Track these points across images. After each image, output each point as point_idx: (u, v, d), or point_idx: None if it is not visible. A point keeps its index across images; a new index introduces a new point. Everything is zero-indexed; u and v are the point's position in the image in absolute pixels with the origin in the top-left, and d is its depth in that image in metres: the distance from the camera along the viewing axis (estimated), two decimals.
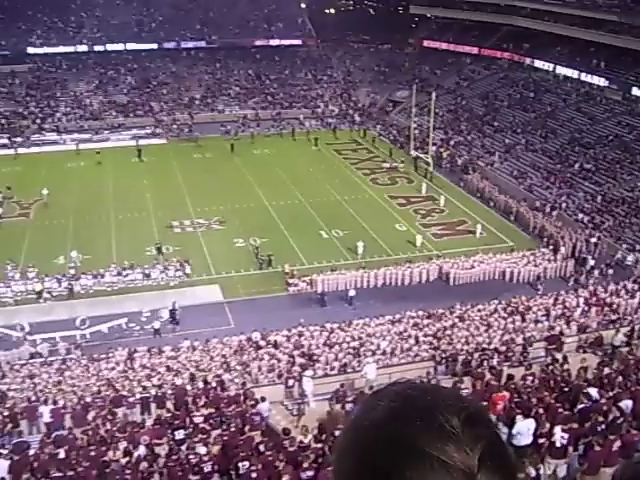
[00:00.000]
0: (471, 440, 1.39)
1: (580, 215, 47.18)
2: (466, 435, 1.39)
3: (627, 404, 17.15)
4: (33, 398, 25.07)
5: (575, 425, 15.80)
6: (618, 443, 14.37)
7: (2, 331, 34.34)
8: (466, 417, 1.43)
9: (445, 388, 1.56)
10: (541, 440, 15.25)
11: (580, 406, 17.07)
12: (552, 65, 70.61)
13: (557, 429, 14.81)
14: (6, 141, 66.65)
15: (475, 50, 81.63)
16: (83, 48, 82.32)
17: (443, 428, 1.39)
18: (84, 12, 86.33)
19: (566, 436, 14.79)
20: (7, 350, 32.31)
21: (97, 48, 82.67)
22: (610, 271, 39.47)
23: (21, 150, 64.99)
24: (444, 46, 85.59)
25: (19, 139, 67.22)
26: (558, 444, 14.86)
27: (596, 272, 39.58)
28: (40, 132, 69.67)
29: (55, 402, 23.59)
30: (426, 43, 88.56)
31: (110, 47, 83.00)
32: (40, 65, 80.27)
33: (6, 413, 22.89)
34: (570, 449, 15.01)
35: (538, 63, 72.62)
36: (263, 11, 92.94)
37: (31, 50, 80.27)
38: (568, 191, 50.95)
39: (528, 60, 74.26)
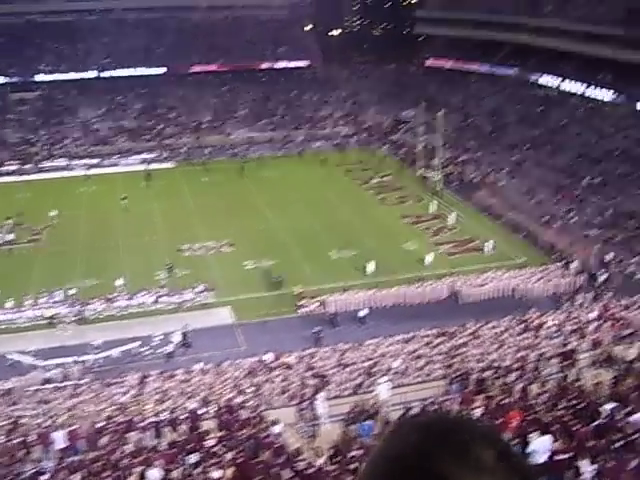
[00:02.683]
0: (506, 474, 1.38)
1: (590, 230, 46.99)
2: (501, 469, 1.38)
3: (637, 418, 16.99)
4: (46, 424, 25.05)
5: (591, 442, 15.65)
6: (635, 462, 14.19)
7: (14, 357, 34.33)
8: (500, 451, 1.41)
9: (477, 421, 1.53)
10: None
11: (595, 423, 16.92)
12: (558, 80, 70.74)
13: (585, 462, 14.40)
14: (16, 167, 67.07)
15: (481, 68, 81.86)
16: (91, 74, 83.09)
17: (478, 462, 1.37)
18: (92, 38, 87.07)
19: (595, 467, 14.41)
20: (20, 376, 32.33)
21: (105, 74, 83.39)
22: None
23: (31, 176, 65.38)
24: (449, 64, 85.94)
25: (29, 165, 67.65)
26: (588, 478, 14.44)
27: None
28: (50, 158, 70.15)
29: (70, 425, 23.56)
30: (432, 62, 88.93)
31: (118, 73, 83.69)
32: (49, 92, 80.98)
33: (19, 440, 22.84)
34: None
35: (544, 79, 72.82)
36: (269, 34, 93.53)
37: (40, 77, 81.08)
38: (578, 206, 50.83)
39: (534, 76, 74.44)
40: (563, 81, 70.08)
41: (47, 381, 32.23)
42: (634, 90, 62.00)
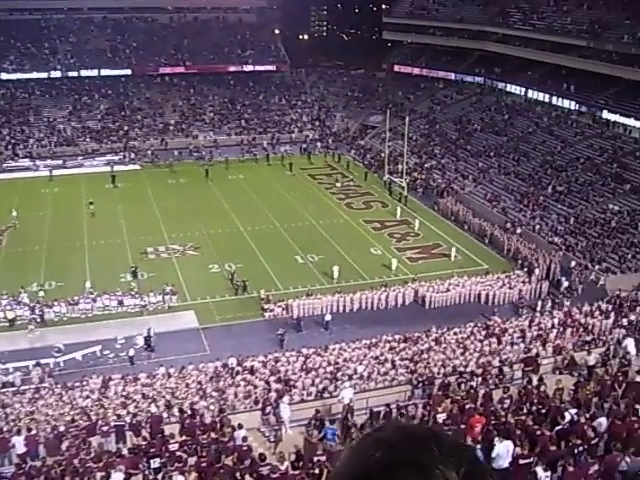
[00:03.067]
0: None
1: (554, 237, 47.51)
2: None
3: (601, 422, 17.19)
4: (5, 428, 24.65)
5: (553, 447, 15.79)
6: (595, 467, 14.34)
7: None
8: (465, 473, 1.39)
9: (443, 436, 1.50)
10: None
11: (557, 428, 17.07)
12: (523, 89, 71.59)
13: (539, 469, 14.54)
14: None
15: (448, 75, 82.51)
16: (57, 74, 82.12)
17: None
18: (58, 38, 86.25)
19: (548, 474, 14.54)
20: None
21: (71, 74, 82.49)
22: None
23: None
24: (416, 71, 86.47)
25: None
26: None
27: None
28: (13, 158, 69.18)
29: (29, 430, 23.17)
30: (399, 68, 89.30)
31: (84, 73, 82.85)
32: (13, 91, 79.89)
33: None
34: None
35: (510, 87, 73.63)
36: (237, 37, 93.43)
37: (4, 76, 79.93)
38: (541, 213, 51.38)
39: (500, 84, 75.25)
40: (528, 90, 70.86)
41: (7, 384, 31.71)
42: (597, 99, 62.95)
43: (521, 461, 15.13)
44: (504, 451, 15.22)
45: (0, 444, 22.43)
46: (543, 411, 19.12)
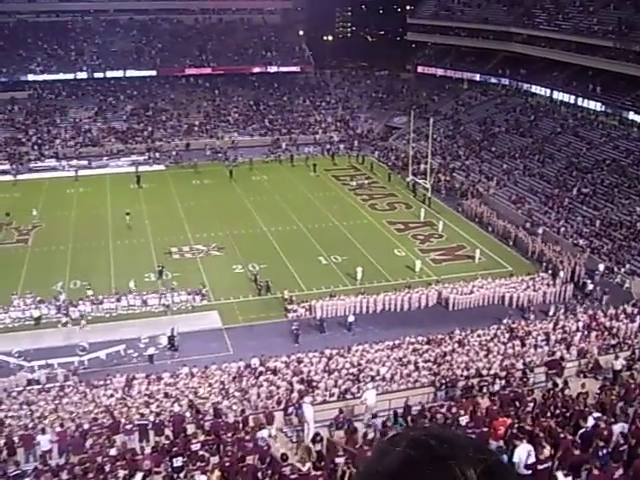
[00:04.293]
0: None
1: (579, 239, 47.15)
2: None
3: (623, 426, 17.02)
4: (30, 425, 24.88)
5: (577, 451, 15.66)
6: (620, 471, 14.20)
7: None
8: (483, 470, 1.39)
9: (464, 437, 1.52)
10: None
11: (581, 431, 16.94)
12: (549, 90, 71.17)
13: (559, 474, 14.41)
14: (5, 167, 66.74)
15: (472, 76, 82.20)
16: (83, 75, 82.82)
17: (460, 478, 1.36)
18: (84, 39, 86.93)
19: (570, 479, 14.40)
20: (4, 377, 32.11)
21: (97, 75, 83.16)
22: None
23: (20, 176, 65.12)
24: (441, 72, 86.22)
25: (18, 165, 67.33)
26: None
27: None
28: (39, 158, 69.87)
29: (61, 425, 23.43)
30: (423, 69, 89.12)
31: (110, 74, 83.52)
32: (40, 92, 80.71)
33: (3, 441, 22.65)
34: None
35: (535, 88, 73.24)
36: (261, 38, 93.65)
37: (31, 77, 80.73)
38: (566, 215, 51.02)
39: (525, 85, 74.86)
40: (553, 91, 70.43)
41: (32, 382, 32.00)
42: (623, 101, 62.40)
43: (542, 465, 15.01)
44: (524, 454, 15.12)
45: (25, 441, 22.66)
46: (567, 414, 18.98)
